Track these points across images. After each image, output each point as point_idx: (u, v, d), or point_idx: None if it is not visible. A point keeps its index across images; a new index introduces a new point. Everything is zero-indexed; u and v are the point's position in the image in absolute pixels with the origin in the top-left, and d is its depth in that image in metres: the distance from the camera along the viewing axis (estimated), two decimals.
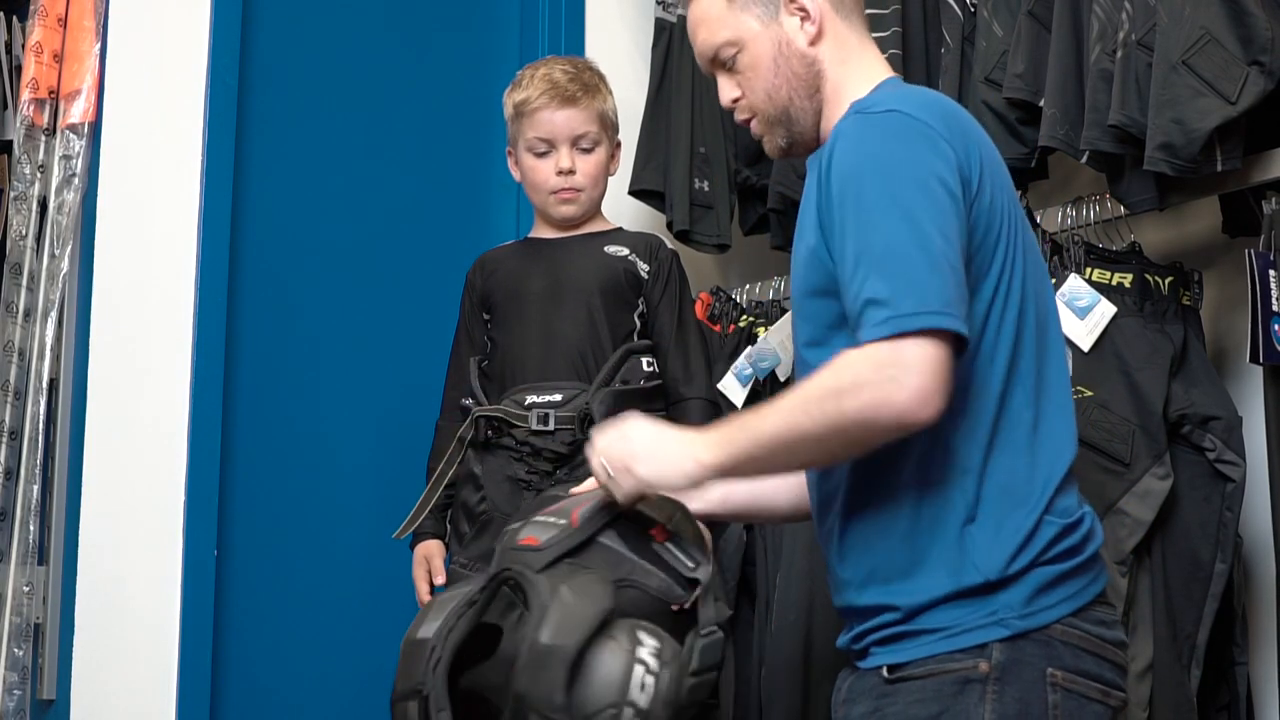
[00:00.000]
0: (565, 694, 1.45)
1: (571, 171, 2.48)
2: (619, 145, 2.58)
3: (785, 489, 1.84)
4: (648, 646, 1.50)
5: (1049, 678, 1.55)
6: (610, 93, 2.55)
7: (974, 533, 1.57)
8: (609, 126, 2.53)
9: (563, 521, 1.64)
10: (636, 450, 1.62)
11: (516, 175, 2.57)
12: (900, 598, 1.59)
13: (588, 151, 2.50)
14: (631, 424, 1.65)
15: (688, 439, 1.61)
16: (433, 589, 2.45)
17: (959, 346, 1.52)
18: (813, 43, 1.74)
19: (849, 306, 1.55)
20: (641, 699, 1.46)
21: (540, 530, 1.64)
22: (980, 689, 1.54)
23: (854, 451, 1.57)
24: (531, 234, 2.61)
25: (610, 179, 2.58)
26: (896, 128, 1.59)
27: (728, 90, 1.80)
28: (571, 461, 2.36)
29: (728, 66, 1.79)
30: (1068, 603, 1.58)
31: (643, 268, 2.49)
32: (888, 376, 1.48)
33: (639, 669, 1.48)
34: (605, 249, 2.50)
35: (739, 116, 1.82)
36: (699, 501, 1.78)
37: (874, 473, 1.61)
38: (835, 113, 1.73)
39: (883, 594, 1.61)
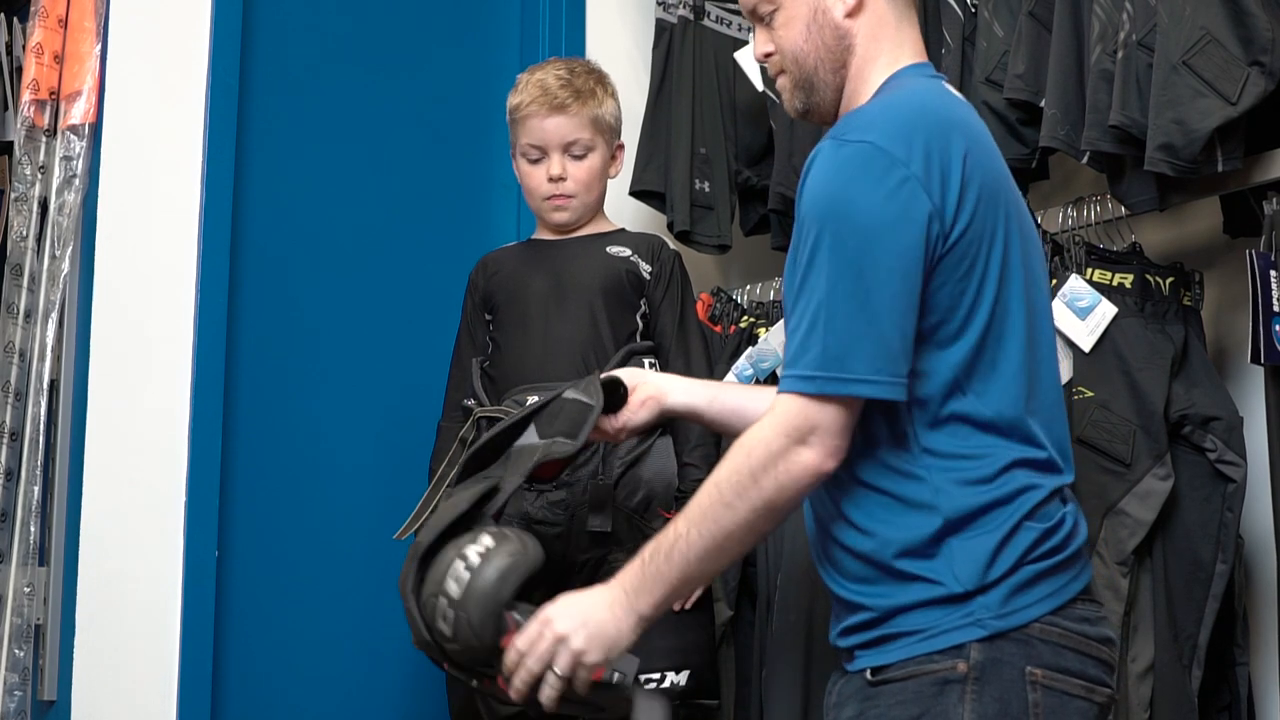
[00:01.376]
0: (413, 582, 1.65)
1: (562, 179, 2.48)
2: (621, 147, 2.58)
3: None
4: (479, 545, 1.61)
5: (1028, 676, 1.55)
6: (610, 95, 2.53)
7: (954, 544, 1.57)
8: (605, 131, 2.51)
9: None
10: (581, 644, 1.61)
11: (519, 176, 2.57)
12: (878, 599, 1.60)
13: (579, 158, 2.49)
14: (557, 616, 1.62)
15: (612, 600, 1.62)
16: None
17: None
18: (849, 15, 1.73)
19: (785, 344, 1.61)
20: (454, 589, 1.60)
21: None
22: (959, 689, 1.54)
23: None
24: (534, 235, 2.61)
25: (611, 180, 2.58)
26: (864, 162, 1.57)
27: (761, 44, 1.81)
28: (574, 462, 2.36)
29: (765, 21, 1.79)
30: (1047, 601, 1.58)
31: (645, 269, 2.49)
32: (798, 440, 1.56)
33: (459, 564, 1.60)
34: (607, 250, 2.50)
35: (770, 71, 1.83)
36: (683, 395, 1.90)
37: (857, 482, 1.62)
38: (856, 89, 1.74)
39: (861, 594, 1.62)
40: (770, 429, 1.57)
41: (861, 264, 1.55)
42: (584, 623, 1.61)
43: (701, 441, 2.41)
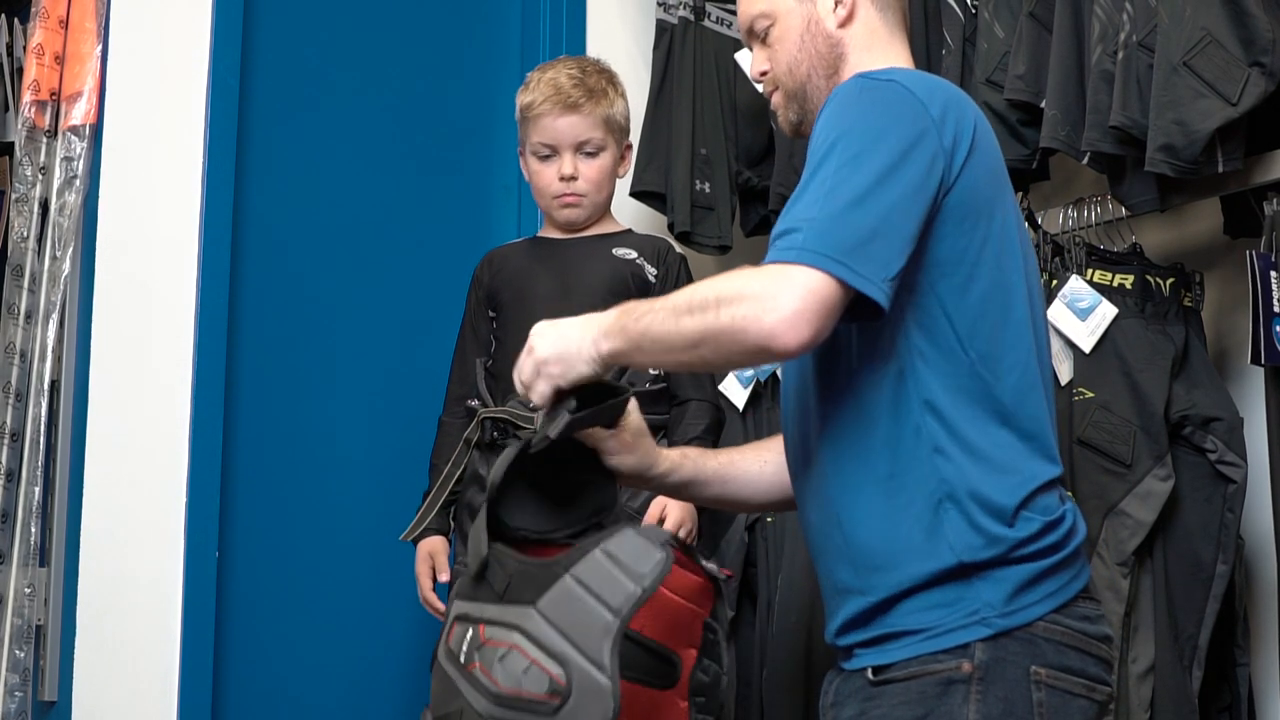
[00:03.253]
0: None
1: (573, 178, 2.48)
2: (629, 147, 2.58)
3: (754, 484, 1.87)
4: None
5: (1033, 675, 1.55)
6: (621, 95, 2.54)
7: (950, 516, 1.57)
8: (616, 130, 2.52)
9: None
10: (545, 354, 1.65)
11: (526, 175, 2.57)
12: (875, 581, 1.59)
13: (591, 156, 2.49)
14: (538, 330, 1.69)
15: (588, 328, 1.63)
16: (435, 586, 2.45)
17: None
18: (841, 25, 1.77)
19: (776, 227, 1.57)
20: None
21: None
22: (964, 689, 1.54)
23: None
24: (540, 233, 2.61)
25: (618, 179, 2.58)
26: (891, 97, 1.60)
27: (758, 62, 1.84)
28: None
29: (761, 38, 1.82)
30: (1050, 599, 1.58)
31: (650, 271, 2.49)
32: (769, 294, 1.49)
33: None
34: (614, 251, 2.50)
35: (765, 89, 1.85)
36: (663, 478, 1.82)
37: (850, 444, 1.63)
38: None
39: (859, 576, 1.62)
40: (755, 279, 1.52)
41: (870, 167, 1.54)
42: (554, 337, 1.66)
43: (698, 417, 2.41)
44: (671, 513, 2.34)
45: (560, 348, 1.64)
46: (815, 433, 1.67)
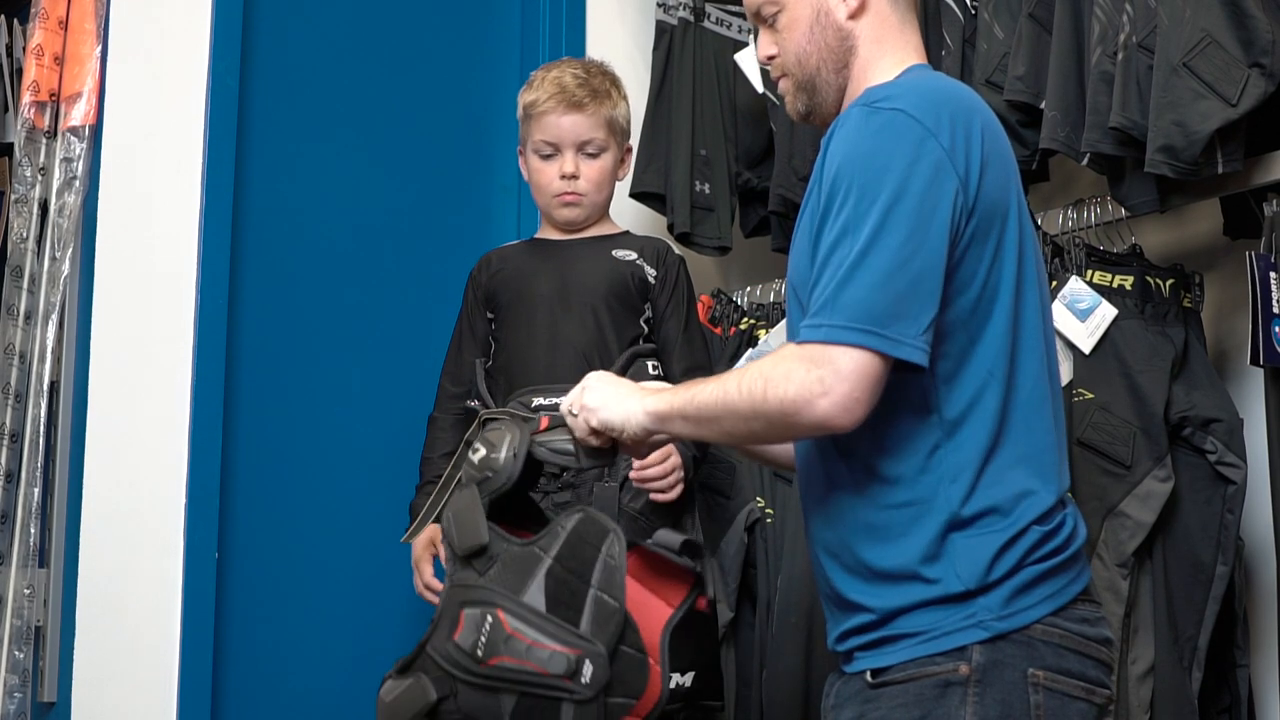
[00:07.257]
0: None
1: (575, 176, 2.49)
2: (630, 150, 2.58)
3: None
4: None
5: (1030, 678, 1.55)
6: (623, 98, 2.54)
7: (958, 541, 1.57)
8: (617, 132, 2.52)
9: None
10: (598, 398, 1.74)
11: (525, 174, 2.57)
12: (878, 599, 1.60)
13: (593, 157, 2.50)
14: (598, 377, 1.79)
15: (640, 393, 1.73)
16: (437, 569, 2.44)
17: (911, 367, 1.55)
18: (852, 16, 1.75)
19: (811, 298, 1.58)
20: None
21: None
22: (961, 691, 1.54)
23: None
24: (538, 234, 2.61)
25: (617, 182, 2.58)
26: (897, 129, 1.59)
27: (765, 46, 1.82)
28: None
29: (769, 23, 1.80)
30: (1048, 602, 1.58)
31: (650, 273, 2.50)
32: (816, 379, 1.53)
33: None
34: (613, 253, 2.50)
35: (772, 74, 1.84)
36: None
37: (865, 465, 1.63)
38: (859, 90, 1.73)
39: (863, 592, 1.62)
40: (798, 362, 1.55)
41: (896, 224, 1.54)
42: (606, 397, 1.74)
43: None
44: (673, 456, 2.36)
45: (615, 397, 1.73)
46: (829, 451, 1.67)
